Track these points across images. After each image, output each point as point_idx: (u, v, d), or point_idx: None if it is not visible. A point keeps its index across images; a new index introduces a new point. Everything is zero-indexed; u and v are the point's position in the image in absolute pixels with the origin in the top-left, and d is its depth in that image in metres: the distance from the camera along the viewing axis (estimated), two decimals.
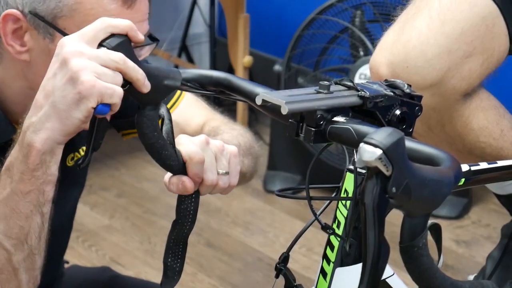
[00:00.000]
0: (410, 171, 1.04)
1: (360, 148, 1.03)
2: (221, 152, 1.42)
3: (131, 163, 3.64)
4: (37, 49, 1.53)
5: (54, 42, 1.50)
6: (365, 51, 3.24)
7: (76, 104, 1.26)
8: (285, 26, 3.87)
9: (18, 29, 1.52)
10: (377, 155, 1.02)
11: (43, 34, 1.51)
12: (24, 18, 1.51)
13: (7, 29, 1.52)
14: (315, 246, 3.07)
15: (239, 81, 1.40)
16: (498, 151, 1.94)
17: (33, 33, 1.52)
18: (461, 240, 3.23)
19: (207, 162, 1.38)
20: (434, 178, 1.07)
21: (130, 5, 1.51)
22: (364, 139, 1.03)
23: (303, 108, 1.24)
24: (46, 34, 1.51)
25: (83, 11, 1.49)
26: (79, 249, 3.08)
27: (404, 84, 1.31)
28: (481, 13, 1.86)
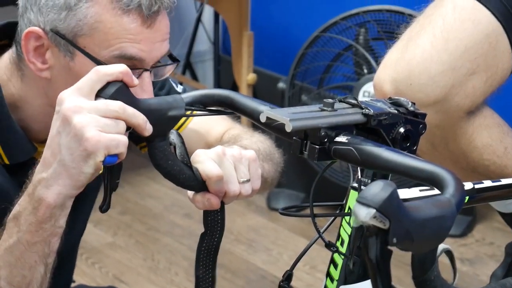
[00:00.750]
0: (408, 218, 1.04)
1: (354, 209, 1.03)
2: (240, 161, 1.43)
3: (135, 180, 3.64)
4: (58, 66, 1.53)
5: (74, 60, 1.50)
6: (369, 69, 3.24)
7: (84, 160, 1.27)
8: (289, 44, 3.87)
9: (40, 46, 1.53)
10: (372, 214, 1.02)
11: (64, 52, 1.51)
12: (46, 36, 1.51)
13: (29, 47, 1.52)
14: (318, 264, 3.06)
15: (242, 98, 1.40)
16: (502, 169, 1.94)
17: (54, 51, 1.52)
18: (465, 258, 3.23)
19: (227, 174, 1.40)
20: (435, 216, 1.06)
21: (149, 24, 1.50)
22: (356, 198, 1.03)
23: (307, 126, 1.24)
24: (66, 52, 1.51)
25: (103, 30, 1.49)
26: (83, 267, 3.08)
27: (408, 102, 1.31)
28: (484, 30, 1.86)
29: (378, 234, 1.05)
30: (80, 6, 1.48)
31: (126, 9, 1.48)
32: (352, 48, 3.30)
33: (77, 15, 1.48)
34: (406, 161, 1.18)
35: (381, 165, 1.21)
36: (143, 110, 1.30)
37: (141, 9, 1.48)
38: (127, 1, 1.48)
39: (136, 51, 1.50)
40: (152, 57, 1.52)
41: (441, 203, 1.09)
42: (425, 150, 1.93)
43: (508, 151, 1.95)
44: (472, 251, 3.27)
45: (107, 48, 1.49)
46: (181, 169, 1.36)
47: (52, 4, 1.49)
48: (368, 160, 1.22)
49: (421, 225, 1.05)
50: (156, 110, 1.33)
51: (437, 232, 1.07)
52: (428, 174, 1.16)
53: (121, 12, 1.48)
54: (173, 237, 3.33)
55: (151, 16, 1.50)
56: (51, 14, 1.50)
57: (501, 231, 3.26)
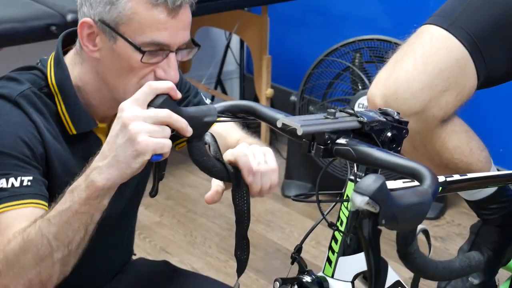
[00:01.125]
0: (394, 204, 1.04)
1: (352, 196, 1.03)
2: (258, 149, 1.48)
3: (177, 172, 3.64)
4: (105, 48, 1.55)
5: (116, 43, 1.53)
6: (363, 86, 3.23)
7: (134, 158, 1.30)
8: (299, 66, 3.87)
9: (91, 33, 1.55)
10: (365, 200, 1.02)
11: (108, 37, 1.54)
12: (95, 25, 1.54)
13: (83, 33, 1.55)
14: (322, 240, 3.06)
15: (262, 108, 1.40)
16: (468, 166, 1.93)
17: (101, 37, 1.55)
18: (438, 236, 3.21)
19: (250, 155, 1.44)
20: (415, 202, 1.07)
21: (174, 16, 1.51)
22: (354, 188, 1.04)
23: (314, 130, 1.25)
24: (110, 37, 1.53)
25: (138, 20, 1.51)
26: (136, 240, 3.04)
27: (394, 112, 1.31)
28: (455, 56, 1.85)
29: (370, 216, 1.06)
30: (120, 1, 1.51)
31: (155, 3, 1.50)
32: (350, 69, 3.29)
33: (118, 8, 1.51)
34: (393, 159, 1.18)
35: (372, 162, 1.21)
36: (184, 117, 1.32)
37: (167, 3, 1.50)
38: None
39: (163, 37, 1.51)
40: (176, 42, 1.53)
41: (420, 192, 1.09)
42: (408, 150, 1.92)
43: (473, 152, 1.94)
44: (444, 231, 3.26)
45: (141, 34, 1.51)
46: (214, 164, 1.37)
47: (99, 0, 1.52)
48: (362, 158, 1.22)
49: (404, 210, 1.05)
50: (194, 117, 1.33)
51: (417, 215, 1.07)
52: (410, 170, 1.16)
53: (151, 6, 1.50)
54: (207, 218, 3.33)
55: (175, 9, 1.51)
56: (99, 8, 1.53)
57: (467, 215, 3.25)
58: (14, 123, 1.53)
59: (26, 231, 1.38)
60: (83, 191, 1.34)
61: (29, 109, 1.54)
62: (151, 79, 1.52)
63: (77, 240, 1.38)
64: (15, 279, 1.39)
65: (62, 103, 1.59)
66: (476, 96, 1.92)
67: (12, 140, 1.50)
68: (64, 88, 1.59)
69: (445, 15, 1.89)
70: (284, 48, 4.16)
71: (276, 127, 1.29)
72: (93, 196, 1.34)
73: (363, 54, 3.29)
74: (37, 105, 1.56)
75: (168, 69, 1.54)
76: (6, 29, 2.75)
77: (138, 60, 1.51)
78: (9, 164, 1.48)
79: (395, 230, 1.10)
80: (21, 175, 1.47)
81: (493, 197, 2.01)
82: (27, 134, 1.52)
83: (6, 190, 1.45)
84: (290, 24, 4.16)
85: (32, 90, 1.57)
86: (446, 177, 1.58)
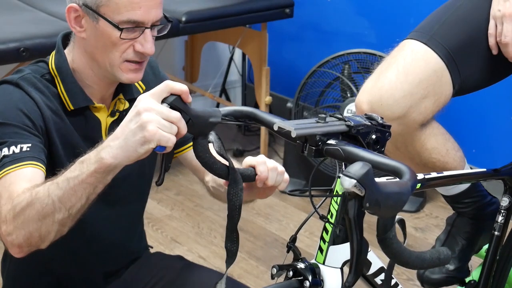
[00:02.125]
0: (378, 190, 1.05)
1: (341, 179, 1.04)
2: None
3: (186, 171, 3.62)
4: (89, 28, 1.59)
5: (99, 23, 1.57)
6: (351, 94, 3.23)
7: (141, 144, 1.30)
8: (295, 76, 3.87)
9: (78, 16, 1.59)
10: (353, 183, 1.03)
11: (92, 18, 1.57)
12: (80, 9, 1.58)
13: (71, 17, 1.60)
14: (315, 231, 3.06)
15: (262, 114, 1.41)
16: (444, 165, 1.93)
17: (86, 18, 1.58)
18: (418, 227, 3.21)
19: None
20: (396, 191, 1.07)
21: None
22: (343, 172, 1.04)
23: (307, 133, 1.25)
24: (93, 18, 1.57)
25: (114, 1, 1.54)
26: (149, 231, 3.08)
27: (378, 117, 1.31)
28: (433, 67, 1.85)
29: (356, 198, 1.06)
30: None
31: None
32: (340, 79, 3.29)
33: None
34: (377, 158, 1.18)
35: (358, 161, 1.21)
36: (192, 115, 1.31)
37: None
38: None
39: (138, 16, 1.55)
40: (150, 19, 1.57)
41: (401, 184, 1.09)
42: (391, 150, 1.92)
43: (449, 152, 1.94)
44: (423, 222, 3.26)
45: (118, 14, 1.55)
46: (215, 161, 1.35)
47: None
48: (350, 157, 1.22)
49: (386, 196, 1.06)
50: (200, 116, 1.33)
51: (397, 203, 1.08)
52: (392, 168, 1.16)
53: None
54: (213, 211, 3.33)
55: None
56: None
57: (443, 208, 3.25)
58: (15, 99, 1.56)
59: (35, 189, 1.40)
60: (92, 164, 1.35)
61: (28, 88, 1.58)
62: (131, 53, 1.58)
63: (77, 206, 1.38)
64: (18, 229, 1.40)
65: (61, 83, 1.62)
66: (452, 103, 1.92)
67: (14, 112, 1.54)
68: (61, 69, 1.63)
69: (424, 31, 1.89)
70: (281, 60, 4.17)
71: (273, 130, 1.30)
72: (100, 170, 1.35)
73: (351, 66, 3.29)
74: (37, 85, 1.60)
75: (145, 43, 1.57)
76: (35, 44, 2.76)
77: (117, 36, 1.55)
78: (11, 133, 1.51)
79: (377, 215, 1.10)
80: (21, 143, 1.50)
81: (466, 192, 2.01)
82: (28, 108, 1.55)
83: (8, 156, 1.48)
84: (286, 39, 4.16)
85: (33, 75, 1.61)
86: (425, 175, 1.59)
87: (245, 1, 3.58)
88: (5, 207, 1.42)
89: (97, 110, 1.65)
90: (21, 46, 2.73)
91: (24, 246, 1.41)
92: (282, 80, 4.12)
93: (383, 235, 1.16)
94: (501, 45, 1.85)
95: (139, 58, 1.59)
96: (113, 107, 1.68)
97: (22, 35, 2.80)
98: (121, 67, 1.59)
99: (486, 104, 3.31)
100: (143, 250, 1.89)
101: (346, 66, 3.29)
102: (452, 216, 2.10)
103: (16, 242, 1.41)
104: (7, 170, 1.46)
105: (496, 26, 1.85)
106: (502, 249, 1.92)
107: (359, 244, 1.13)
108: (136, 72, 1.60)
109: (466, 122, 3.40)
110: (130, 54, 1.58)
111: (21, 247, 1.42)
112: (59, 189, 1.37)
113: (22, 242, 1.41)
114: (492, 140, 3.39)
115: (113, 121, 1.67)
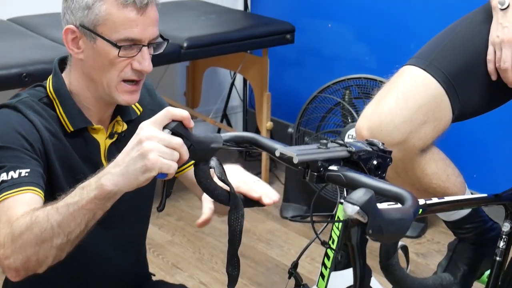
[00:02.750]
0: (381, 216, 1.04)
1: (344, 205, 1.04)
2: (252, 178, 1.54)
3: (187, 196, 3.64)
4: (87, 49, 1.60)
5: (96, 43, 1.58)
6: (352, 119, 3.24)
7: (142, 173, 1.31)
8: (296, 101, 3.87)
9: (75, 38, 1.60)
10: (356, 210, 1.03)
11: (89, 39, 1.59)
12: (77, 30, 1.59)
13: (68, 38, 1.61)
14: (316, 256, 3.05)
15: (263, 139, 1.41)
16: (445, 190, 1.93)
17: (83, 39, 1.59)
18: (419, 253, 3.20)
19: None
20: (399, 217, 1.07)
21: (142, 13, 1.57)
22: (345, 198, 1.05)
23: (308, 159, 1.25)
24: (91, 38, 1.58)
25: (112, 20, 1.56)
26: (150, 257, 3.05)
27: (379, 143, 1.31)
28: (432, 93, 1.86)
29: (359, 225, 1.06)
30: (95, 5, 1.56)
31: (125, 3, 1.55)
32: (340, 104, 3.30)
33: (94, 11, 1.56)
34: (378, 184, 1.18)
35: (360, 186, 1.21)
36: (193, 141, 1.31)
37: (135, 3, 1.55)
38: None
39: (135, 33, 1.57)
40: (147, 36, 1.59)
41: (403, 210, 1.09)
42: (392, 176, 1.92)
43: (449, 177, 1.95)
44: (425, 248, 3.25)
45: (116, 32, 1.57)
46: (216, 187, 1.35)
47: (78, 7, 1.58)
48: (351, 183, 1.22)
49: (389, 223, 1.05)
50: (202, 142, 1.33)
51: (400, 229, 1.08)
52: (394, 194, 1.16)
53: (122, 6, 1.55)
54: (214, 237, 3.32)
55: (143, 7, 1.56)
56: (79, 13, 1.58)
57: (445, 234, 3.24)
58: (14, 122, 1.57)
59: (35, 213, 1.40)
60: (92, 191, 1.35)
61: (27, 111, 1.59)
62: (129, 71, 1.59)
63: (76, 232, 1.38)
64: (16, 253, 1.39)
65: (60, 106, 1.63)
66: (452, 128, 1.93)
67: (13, 135, 1.55)
68: (59, 92, 1.64)
69: (423, 57, 1.90)
70: (282, 85, 4.18)
71: (275, 156, 1.30)
72: (100, 197, 1.35)
73: (352, 91, 3.29)
74: (35, 108, 1.61)
75: (142, 61, 1.59)
76: (37, 70, 2.78)
77: (115, 55, 1.57)
78: (10, 156, 1.52)
79: (380, 242, 1.10)
80: (20, 168, 1.50)
81: (467, 218, 2.01)
82: (26, 130, 1.56)
83: (7, 181, 1.49)
84: (287, 65, 4.18)
85: (31, 99, 1.63)
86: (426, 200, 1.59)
87: (246, 27, 3.61)
88: (4, 231, 1.42)
89: (96, 132, 1.67)
90: (23, 71, 2.75)
91: (21, 270, 1.41)
92: (283, 105, 4.13)
93: (386, 261, 1.17)
94: (500, 71, 1.87)
95: (137, 76, 1.60)
96: (111, 129, 1.69)
97: (24, 60, 2.82)
98: (118, 88, 1.60)
99: (486, 129, 3.32)
100: (145, 278, 1.88)
101: (346, 91, 3.30)
102: (454, 241, 2.09)
103: (13, 266, 1.41)
104: (6, 195, 1.47)
105: (495, 52, 1.86)
106: (504, 275, 1.92)
107: (362, 271, 1.13)
108: (132, 94, 1.62)
109: (466, 147, 3.41)
110: (128, 73, 1.59)
111: (18, 271, 1.42)
112: (59, 214, 1.38)
113: (19, 266, 1.40)
114: (493, 165, 3.39)
115: (112, 143, 1.68)
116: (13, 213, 1.44)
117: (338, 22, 3.84)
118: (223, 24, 3.65)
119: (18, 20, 3.40)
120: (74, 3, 1.58)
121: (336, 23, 3.84)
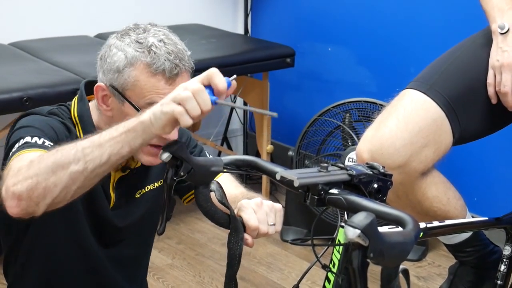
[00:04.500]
0: (382, 240, 1.04)
1: (345, 229, 1.03)
2: (271, 209, 1.49)
3: (187, 220, 3.63)
4: (116, 109, 1.62)
5: (124, 105, 1.59)
6: (352, 142, 3.24)
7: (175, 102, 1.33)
8: (296, 124, 3.88)
9: (105, 95, 1.62)
10: (357, 233, 1.02)
11: (118, 100, 1.60)
12: (107, 89, 1.61)
13: (98, 95, 1.63)
14: (317, 280, 3.04)
15: (263, 162, 1.41)
16: (445, 213, 1.93)
17: (112, 99, 1.61)
18: (420, 276, 3.19)
19: (261, 218, 1.45)
20: (400, 241, 1.07)
21: (171, 83, 1.57)
22: (346, 222, 1.04)
23: (309, 182, 1.25)
24: (119, 100, 1.60)
25: (140, 86, 1.57)
26: (151, 281, 3.05)
27: (380, 166, 1.31)
28: (433, 116, 1.86)
29: (360, 249, 1.05)
30: (126, 70, 1.57)
31: (154, 72, 1.56)
32: (341, 128, 3.30)
33: (124, 76, 1.57)
34: (379, 207, 1.18)
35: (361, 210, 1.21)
36: (194, 165, 1.31)
37: (164, 73, 1.55)
38: (155, 67, 1.55)
39: None
40: None
41: (405, 234, 1.09)
42: (392, 199, 1.92)
43: (450, 201, 1.95)
44: (425, 271, 3.24)
45: (143, 98, 1.57)
46: (216, 210, 1.35)
47: (110, 69, 1.59)
48: (352, 207, 1.22)
49: (390, 246, 1.05)
50: (202, 165, 1.33)
51: (401, 253, 1.07)
52: (395, 217, 1.16)
53: (151, 74, 1.56)
54: (214, 260, 3.31)
55: (172, 77, 1.57)
56: (109, 75, 1.59)
57: (445, 257, 3.23)
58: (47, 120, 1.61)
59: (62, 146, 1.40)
60: (131, 123, 1.36)
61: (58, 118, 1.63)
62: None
63: (96, 162, 1.36)
64: (27, 178, 1.36)
65: (81, 131, 1.65)
66: (453, 151, 1.93)
67: (46, 126, 1.58)
68: (83, 118, 1.66)
69: (423, 81, 1.91)
70: (283, 109, 4.19)
71: (276, 179, 1.30)
72: (136, 128, 1.35)
73: (352, 114, 3.30)
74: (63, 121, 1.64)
75: None
76: (38, 94, 2.79)
77: None
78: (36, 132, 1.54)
79: (381, 265, 1.10)
80: (45, 138, 1.52)
81: (468, 241, 2.01)
82: (59, 130, 1.60)
83: (29, 143, 1.50)
84: (287, 88, 4.19)
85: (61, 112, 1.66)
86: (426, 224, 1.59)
87: (247, 51, 3.62)
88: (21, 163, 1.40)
89: None
90: (24, 95, 2.76)
91: (23, 199, 1.36)
92: (284, 128, 4.13)
93: (387, 285, 1.16)
94: (500, 94, 1.87)
95: (162, 143, 1.54)
96: (125, 163, 1.69)
97: (25, 84, 2.83)
98: (143, 150, 1.58)
99: (487, 153, 3.32)
100: None
101: (347, 114, 3.30)
102: (455, 265, 2.09)
103: (17, 191, 1.35)
104: (27, 150, 1.47)
105: (495, 76, 1.87)
106: None
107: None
108: (156, 157, 1.58)
109: (467, 171, 3.41)
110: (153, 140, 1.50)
111: (20, 199, 1.36)
112: (87, 140, 1.38)
113: (24, 192, 1.35)
114: (493, 188, 3.39)
115: (122, 176, 1.68)
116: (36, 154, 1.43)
117: (338, 45, 3.85)
118: (223, 48, 3.66)
119: (19, 44, 3.41)
120: (106, 64, 1.59)
121: (336, 46, 3.86)
